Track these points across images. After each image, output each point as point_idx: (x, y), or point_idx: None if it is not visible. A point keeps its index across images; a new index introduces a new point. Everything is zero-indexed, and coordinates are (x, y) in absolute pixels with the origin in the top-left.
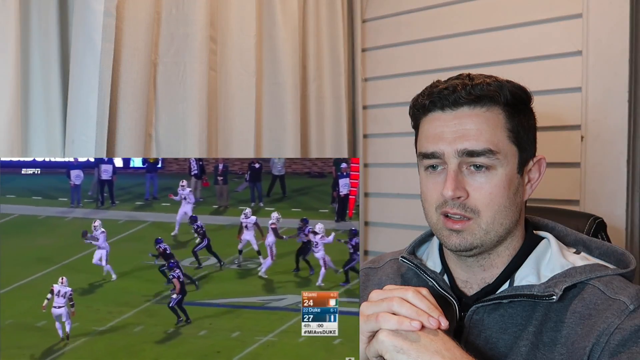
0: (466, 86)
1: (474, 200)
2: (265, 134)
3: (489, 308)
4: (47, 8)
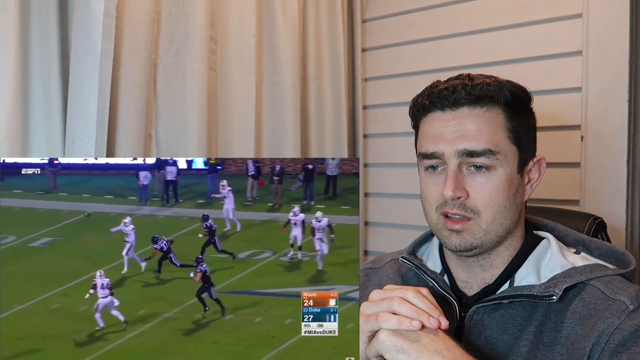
0: (466, 86)
1: (474, 200)
2: (265, 134)
3: (489, 308)
4: (47, 8)
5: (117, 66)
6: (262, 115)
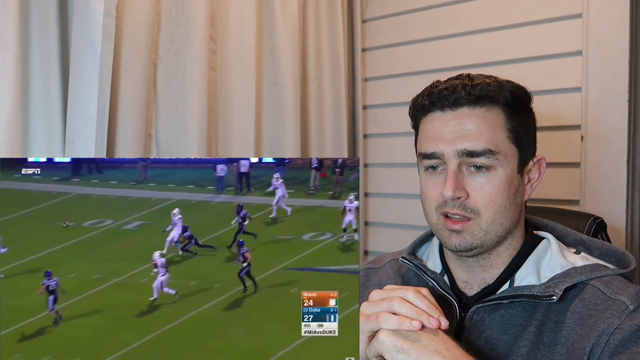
0: (466, 86)
1: (474, 200)
2: (265, 134)
3: (489, 308)
4: (47, 8)
5: (117, 66)
6: (262, 115)
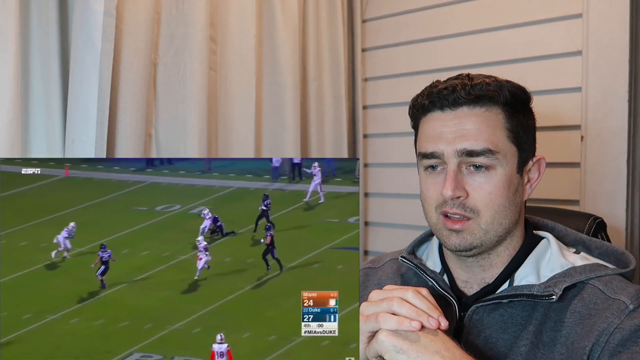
0: (465, 86)
1: (474, 200)
2: (265, 134)
3: (488, 308)
4: (47, 8)
5: (117, 66)
6: (262, 115)
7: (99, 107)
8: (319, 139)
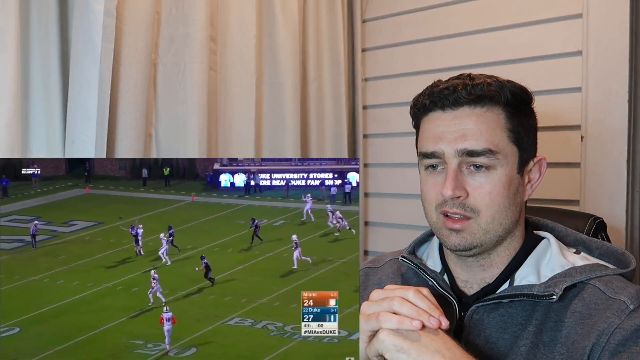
0: (467, 86)
1: (474, 199)
2: (265, 134)
3: (489, 308)
4: (47, 8)
5: (117, 66)
6: (262, 115)
7: (99, 107)
8: (319, 139)
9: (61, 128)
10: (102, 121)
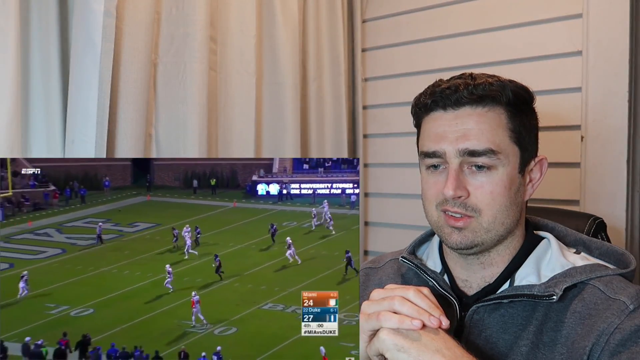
0: (468, 86)
1: (475, 199)
2: (265, 134)
3: (489, 308)
4: (47, 8)
5: (117, 66)
6: (262, 115)
7: (99, 107)
8: (319, 139)
9: (61, 128)
10: (102, 121)
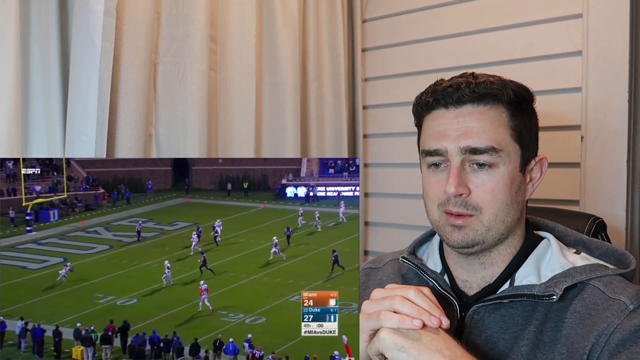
0: (470, 84)
1: (476, 197)
2: (265, 134)
3: (489, 308)
4: (47, 8)
5: (117, 66)
6: (262, 115)
7: (99, 107)
8: (319, 139)
9: (61, 128)
10: (102, 121)
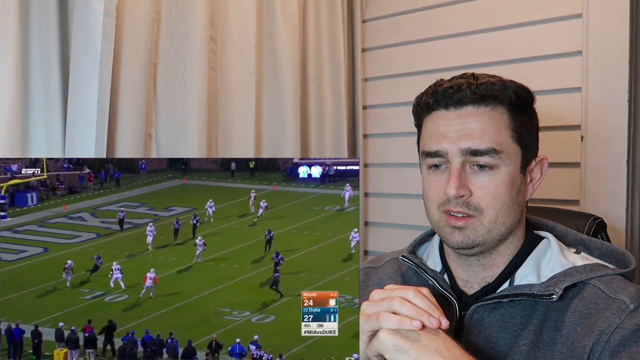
0: (471, 85)
1: (477, 198)
2: (265, 134)
3: (489, 307)
4: (47, 8)
5: (117, 66)
6: (262, 115)
7: (99, 107)
8: (319, 139)
9: (61, 128)
10: (102, 121)
